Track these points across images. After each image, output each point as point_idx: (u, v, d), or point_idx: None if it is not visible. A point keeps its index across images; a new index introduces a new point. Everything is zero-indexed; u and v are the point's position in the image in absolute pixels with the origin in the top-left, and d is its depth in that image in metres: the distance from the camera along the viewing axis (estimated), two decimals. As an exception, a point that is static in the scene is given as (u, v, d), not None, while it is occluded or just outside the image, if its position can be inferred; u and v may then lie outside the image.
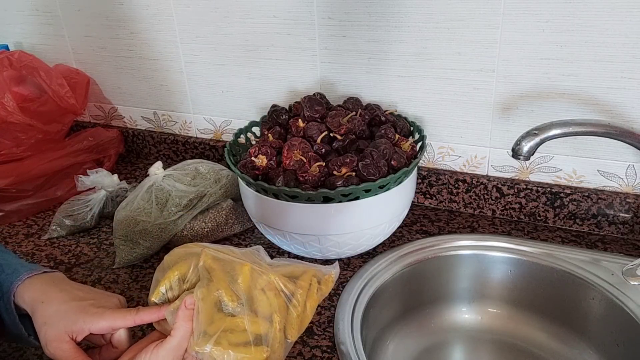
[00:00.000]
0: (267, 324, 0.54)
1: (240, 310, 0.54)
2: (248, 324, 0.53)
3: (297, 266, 0.59)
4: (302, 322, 0.58)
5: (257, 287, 0.55)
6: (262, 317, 0.55)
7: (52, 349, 0.55)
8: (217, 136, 1.14)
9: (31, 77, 1.09)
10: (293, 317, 0.56)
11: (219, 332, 0.53)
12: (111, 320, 0.55)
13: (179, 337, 0.53)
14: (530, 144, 0.68)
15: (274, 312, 0.55)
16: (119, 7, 1.08)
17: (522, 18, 0.79)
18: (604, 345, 0.77)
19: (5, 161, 1.03)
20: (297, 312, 0.56)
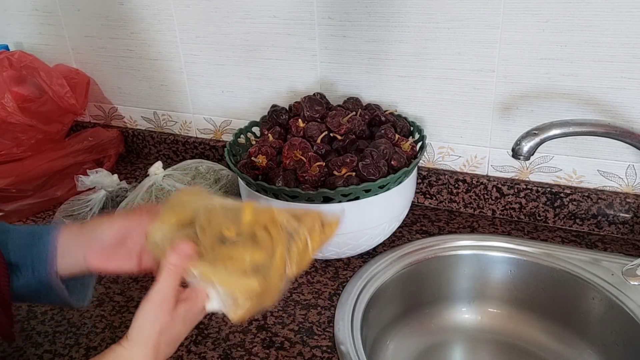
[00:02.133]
0: (267, 255, 0.53)
1: (241, 242, 0.53)
2: (248, 253, 0.52)
3: (301, 209, 0.57)
4: (302, 260, 0.55)
5: (259, 224, 0.54)
6: (263, 249, 0.53)
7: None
8: (217, 136, 1.14)
9: (31, 78, 1.09)
10: (294, 253, 0.54)
11: (217, 257, 0.52)
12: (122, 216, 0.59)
13: (165, 289, 0.51)
14: (530, 144, 0.68)
15: (276, 245, 0.53)
16: (119, 7, 1.08)
17: (522, 18, 0.79)
18: (604, 345, 0.77)
19: (5, 161, 1.03)
20: (298, 248, 0.54)
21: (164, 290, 0.51)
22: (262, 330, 0.72)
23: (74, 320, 0.76)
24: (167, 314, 0.51)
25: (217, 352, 0.69)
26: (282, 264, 0.53)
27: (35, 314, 0.77)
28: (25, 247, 0.58)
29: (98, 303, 0.79)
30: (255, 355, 0.68)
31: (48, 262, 0.57)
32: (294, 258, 0.53)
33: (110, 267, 0.59)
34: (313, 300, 0.77)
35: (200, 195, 0.59)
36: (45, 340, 0.73)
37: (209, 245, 0.53)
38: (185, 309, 0.52)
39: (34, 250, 0.57)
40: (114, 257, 0.59)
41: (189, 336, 0.72)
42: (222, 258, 0.52)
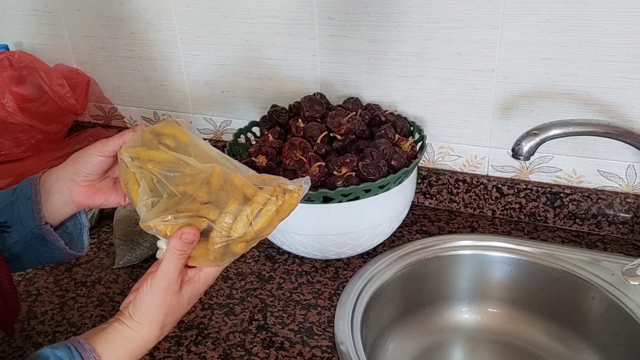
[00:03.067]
0: (219, 212, 0.52)
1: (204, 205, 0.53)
2: (201, 208, 0.52)
3: (269, 177, 0.56)
4: (251, 226, 0.53)
5: (222, 189, 0.54)
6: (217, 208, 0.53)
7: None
8: (217, 136, 1.14)
9: (31, 78, 1.09)
10: (243, 217, 0.52)
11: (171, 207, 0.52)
12: (102, 141, 0.59)
13: (170, 274, 0.52)
14: (530, 144, 0.68)
15: (229, 203, 0.52)
16: (119, 7, 1.08)
17: (522, 18, 0.79)
18: (604, 345, 0.77)
19: (5, 161, 1.03)
20: (247, 213, 0.52)
21: (169, 274, 0.52)
22: (262, 330, 0.72)
23: (74, 320, 0.76)
24: (173, 297, 0.52)
25: (217, 352, 0.69)
26: (226, 220, 0.52)
27: (35, 314, 0.77)
28: (10, 205, 0.58)
29: (98, 303, 0.79)
30: (255, 355, 0.68)
31: (34, 211, 0.58)
32: (242, 222, 0.52)
33: (96, 201, 0.60)
34: (313, 300, 0.77)
35: (179, 140, 0.58)
36: (45, 340, 0.73)
37: (170, 198, 0.54)
38: (189, 291, 0.54)
39: (19, 204, 0.58)
40: (99, 189, 0.60)
41: (189, 336, 0.72)
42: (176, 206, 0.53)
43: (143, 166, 0.55)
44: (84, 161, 0.58)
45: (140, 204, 0.54)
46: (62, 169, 0.59)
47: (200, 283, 0.54)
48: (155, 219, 0.52)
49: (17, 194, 0.59)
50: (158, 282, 0.51)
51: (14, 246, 0.58)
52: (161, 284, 0.51)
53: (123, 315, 0.53)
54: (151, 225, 0.52)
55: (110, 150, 0.59)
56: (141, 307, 0.52)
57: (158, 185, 0.54)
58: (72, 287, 0.82)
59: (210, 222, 0.52)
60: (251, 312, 0.76)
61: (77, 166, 0.58)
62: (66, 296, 0.81)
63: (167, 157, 0.55)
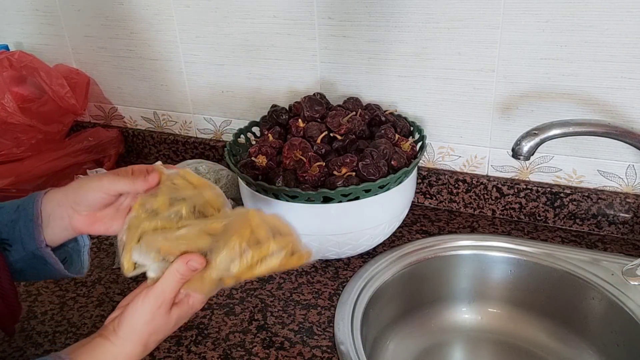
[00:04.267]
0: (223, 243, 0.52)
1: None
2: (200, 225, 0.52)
3: (282, 223, 0.56)
4: (250, 269, 0.53)
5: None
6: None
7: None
8: (217, 136, 1.14)
9: (31, 78, 1.09)
10: (247, 259, 0.52)
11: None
12: (111, 179, 0.56)
13: (165, 294, 0.52)
14: (530, 144, 0.68)
15: (233, 234, 0.52)
16: (119, 7, 1.08)
17: (522, 18, 0.79)
18: (604, 345, 0.77)
19: (5, 161, 1.03)
20: (251, 257, 0.52)
21: (164, 294, 0.51)
22: (262, 330, 0.72)
23: (74, 320, 0.76)
24: (162, 317, 0.52)
25: (217, 352, 0.69)
26: (229, 257, 0.51)
27: (35, 314, 0.77)
28: (12, 223, 0.58)
29: (98, 303, 0.79)
30: (255, 355, 0.68)
31: (35, 234, 0.57)
32: (245, 261, 0.52)
33: (96, 230, 0.59)
34: (313, 300, 0.77)
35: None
36: (45, 340, 0.73)
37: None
38: (178, 314, 0.53)
39: (21, 224, 0.57)
40: (100, 219, 0.58)
41: (189, 336, 0.72)
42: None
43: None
44: (86, 194, 0.56)
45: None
46: (64, 194, 0.58)
47: (188, 307, 0.54)
48: (158, 236, 0.52)
49: (19, 212, 0.58)
50: (152, 298, 0.51)
51: (15, 263, 0.58)
52: (154, 302, 0.51)
53: (107, 330, 0.52)
54: (152, 241, 0.52)
55: (115, 191, 0.57)
56: (129, 321, 0.51)
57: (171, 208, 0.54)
58: (72, 287, 0.82)
59: (211, 253, 0.52)
60: (251, 312, 0.76)
61: (78, 197, 0.57)
62: (66, 296, 0.81)
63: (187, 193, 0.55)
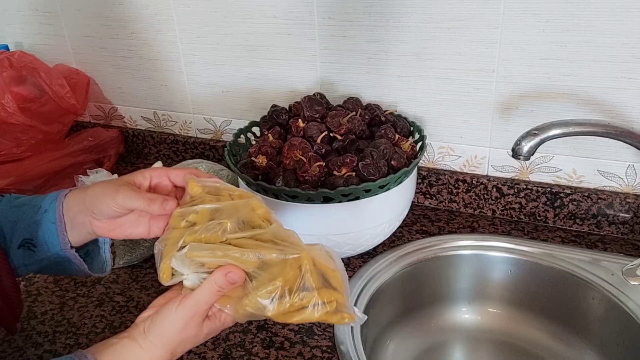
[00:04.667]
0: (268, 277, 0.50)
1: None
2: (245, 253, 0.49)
3: (336, 276, 0.52)
4: (286, 315, 0.51)
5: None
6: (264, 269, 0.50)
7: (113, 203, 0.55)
8: (217, 136, 1.14)
9: (31, 78, 1.09)
10: (285, 304, 0.50)
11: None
12: (126, 195, 0.55)
13: (201, 305, 0.50)
14: (530, 144, 0.68)
15: (279, 275, 0.50)
16: (119, 7, 1.08)
17: (522, 18, 0.79)
18: (604, 345, 0.77)
19: (5, 161, 1.03)
20: (291, 303, 0.50)
21: (200, 305, 0.50)
22: (262, 330, 0.72)
23: (74, 320, 0.76)
24: (194, 328, 0.51)
25: (217, 352, 0.69)
26: (268, 296, 0.50)
27: (35, 314, 0.77)
28: (35, 224, 0.58)
29: (98, 303, 0.79)
30: (255, 355, 0.68)
31: (60, 237, 0.57)
32: (283, 306, 0.50)
33: (119, 234, 0.58)
34: (313, 300, 0.77)
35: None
36: (45, 340, 0.73)
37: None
38: (209, 327, 0.52)
39: (44, 228, 0.58)
40: (120, 225, 0.58)
41: (189, 336, 0.72)
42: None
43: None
44: (100, 205, 0.55)
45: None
46: (82, 202, 0.57)
47: (220, 323, 0.53)
48: (204, 251, 0.50)
49: (41, 215, 0.58)
50: (186, 307, 0.50)
51: (40, 261, 0.59)
52: (188, 311, 0.50)
53: (137, 331, 0.51)
54: (197, 255, 0.50)
55: (129, 208, 0.56)
56: (159, 326, 0.50)
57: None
58: (72, 287, 0.82)
59: (253, 281, 0.50)
60: (251, 312, 0.75)
61: (95, 206, 0.56)
62: (66, 296, 0.81)
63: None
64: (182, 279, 0.52)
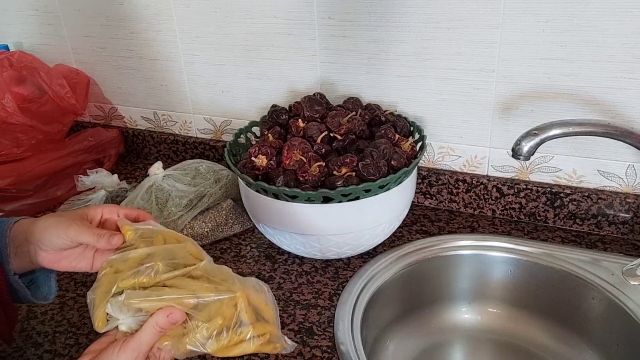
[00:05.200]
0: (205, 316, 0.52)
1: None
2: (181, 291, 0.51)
3: (269, 311, 0.56)
4: (225, 350, 0.53)
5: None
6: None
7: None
8: (217, 136, 1.14)
9: (31, 78, 1.09)
10: (223, 340, 0.52)
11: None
12: (77, 230, 0.56)
13: (142, 348, 0.51)
14: (530, 144, 0.68)
15: (217, 315, 0.52)
16: (119, 7, 1.08)
17: (522, 18, 0.79)
18: (604, 345, 0.77)
19: (5, 161, 1.03)
20: (228, 340, 0.53)
21: (141, 348, 0.51)
22: (262, 330, 0.72)
23: (74, 320, 0.76)
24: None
25: (217, 352, 0.69)
26: (207, 334, 0.52)
27: (35, 314, 0.77)
28: None
29: (98, 303, 0.79)
30: (255, 356, 0.68)
31: (4, 263, 0.57)
32: (221, 342, 0.52)
33: (62, 267, 0.59)
34: (313, 300, 0.77)
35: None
36: (45, 340, 0.73)
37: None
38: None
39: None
40: (65, 257, 0.59)
41: (189, 336, 0.72)
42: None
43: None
44: (50, 237, 0.57)
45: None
46: (31, 233, 0.58)
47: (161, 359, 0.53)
48: (141, 297, 0.51)
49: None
50: (128, 351, 0.50)
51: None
52: (130, 354, 0.50)
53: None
54: (135, 303, 0.51)
55: (78, 242, 0.57)
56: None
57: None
58: (72, 287, 0.82)
59: (191, 320, 0.52)
60: (251, 312, 0.75)
61: (44, 238, 0.57)
62: (66, 296, 0.81)
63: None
64: (117, 324, 0.52)
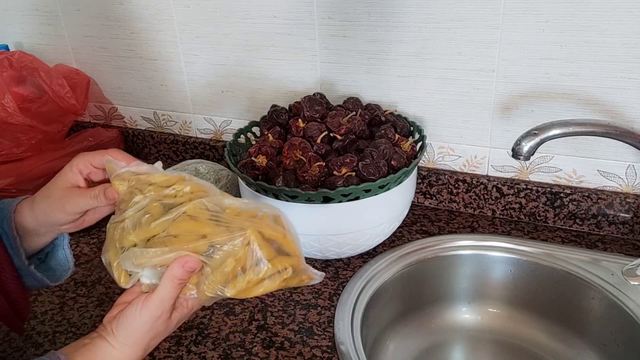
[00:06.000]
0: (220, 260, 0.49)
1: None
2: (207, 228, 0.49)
3: (290, 243, 0.53)
4: (246, 291, 0.50)
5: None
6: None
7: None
8: (217, 136, 1.14)
9: (31, 78, 1.09)
10: (242, 282, 0.50)
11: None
12: (73, 201, 0.55)
13: (165, 302, 0.50)
14: (530, 144, 0.68)
15: (229, 255, 0.49)
16: (119, 7, 1.08)
17: (522, 18, 0.79)
18: (604, 345, 0.77)
19: (5, 161, 1.03)
20: (249, 279, 0.49)
21: (163, 304, 0.50)
22: (262, 330, 0.72)
23: (74, 320, 0.76)
24: (163, 324, 0.51)
25: (217, 352, 0.69)
26: (223, 279, 0.50)
27: (36, 314, 0.77)
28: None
29: (98, 303, 0.79)
30: (255, 355, 0.68)
31: (16, 257, 0.57)
32: (241, 284, 0.50)
33: (88, 222, 0.59)
34: (313, 300, 0.77)
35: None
36: (45, 340, 0.73)
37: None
38: (178, 317, 0.53)
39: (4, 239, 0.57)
40: (85, 217, 0.59)
41: (188, 336, 0.72)
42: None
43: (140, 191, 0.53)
44: (55, 217, 0.57)
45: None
46: (35, 218, 0.57)
47: (187, 310, 0.53)
48: (150, 254, 0.49)
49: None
50: (150, 309, 0.50)
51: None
52: (153, 312, 0.50)
53: (105, 331, 0.51)
54: (146, 262, 0.49)
55: (80, 212, 0.57)
56: (126, 328, 0.50)
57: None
58: (72, 287, 0.82)
59: (206, 267, 0.50)
60: (251, 312, 0.76)
61: (51, 219, 0.57)
62: (66, 296, 0.81)
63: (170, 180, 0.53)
64: (139, 276, 0.52)
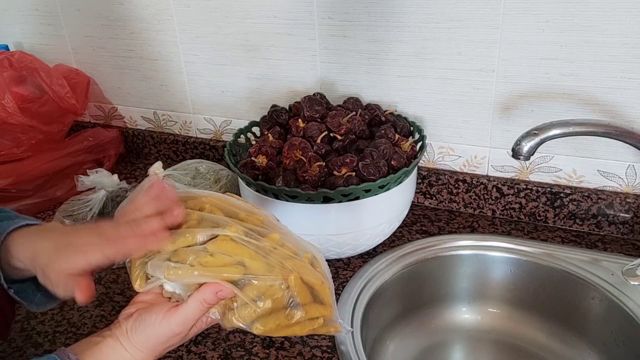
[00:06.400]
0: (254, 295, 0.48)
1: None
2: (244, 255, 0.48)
3: (326, 291, 0.51)
4: (272, 330, 0.50)
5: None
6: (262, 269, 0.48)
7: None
8: (217, 136, 1.14)
9: (31, 78, 1.09)
10: (272, 322, 0.49)
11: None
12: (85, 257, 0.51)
13: (188, 322, 0.50)
14: (530, 144, 0.68)
15: (266, 291, 0.47)
16: (119, 7, 1.08)
17: (522, 18, 0.79)
18: (604, 345, 0.77)
19: (5, 161, 1.03)
20: (279, 323, 0.49)
21: (188, 322, 0.50)
22: (262, 330, 0.72)
23: (74, 320, 0.76)
24: (181, 335, 0.51)
25: (217, 352, 0.69)
26: (253, 314, 0.49)
27: (36, 314, 0.77)
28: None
29: (98, 303, 0.79)
30: (255, 355, 0.68)
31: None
32: (270, 324, 0.49)
33: None
34: (313, 300, 0.77)
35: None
36: (45, 340, 0.73)
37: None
38: (195, 331, 0.52)
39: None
40: None
41: (189, 336, 0.72)
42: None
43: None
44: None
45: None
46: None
47: (205, 325, 0.53)
48: (183, 271, 0.48)
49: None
50: (172, 325, 0.49)
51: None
52: (175, 329, 0.49)
53: (120, 330, 0.50)
54: (178, 278, 0.48)
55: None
56: (142, 334, 0.49)
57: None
58: (72, 287, 0.82)
59: (239, 296, 0.49)
60: (251, 312, 0.75)
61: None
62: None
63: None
64: (159, 283, 0.50)
